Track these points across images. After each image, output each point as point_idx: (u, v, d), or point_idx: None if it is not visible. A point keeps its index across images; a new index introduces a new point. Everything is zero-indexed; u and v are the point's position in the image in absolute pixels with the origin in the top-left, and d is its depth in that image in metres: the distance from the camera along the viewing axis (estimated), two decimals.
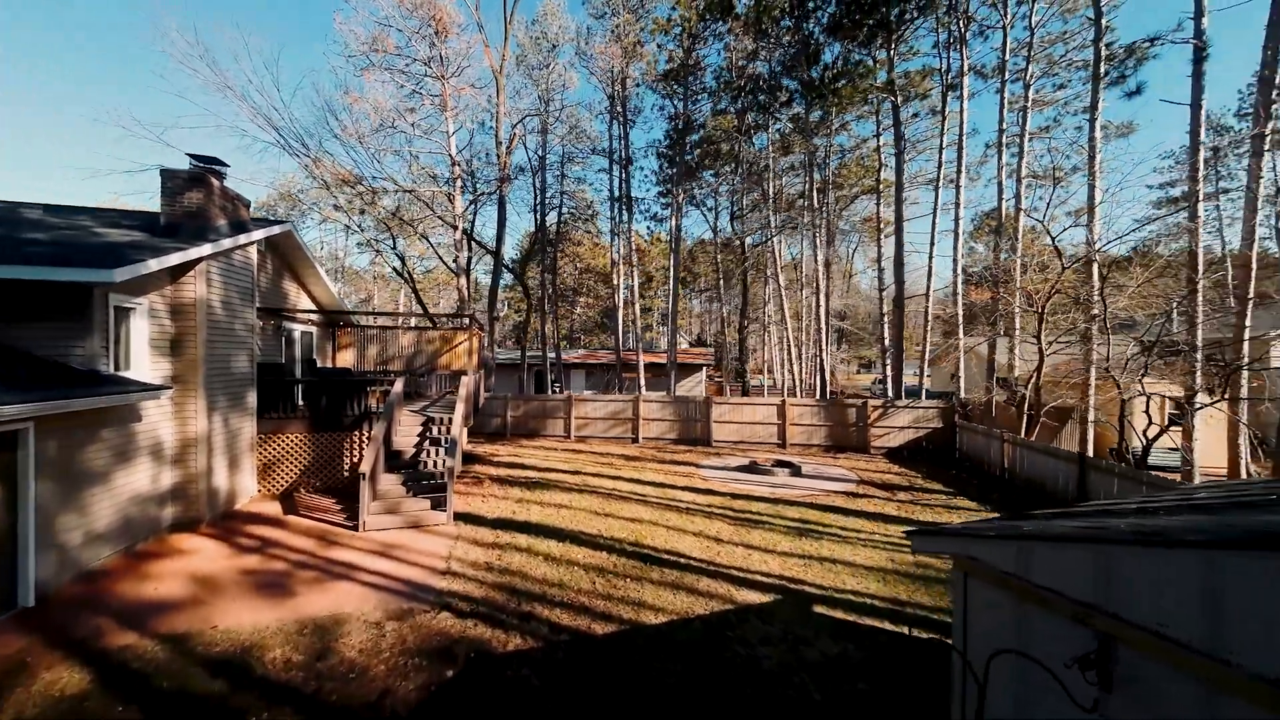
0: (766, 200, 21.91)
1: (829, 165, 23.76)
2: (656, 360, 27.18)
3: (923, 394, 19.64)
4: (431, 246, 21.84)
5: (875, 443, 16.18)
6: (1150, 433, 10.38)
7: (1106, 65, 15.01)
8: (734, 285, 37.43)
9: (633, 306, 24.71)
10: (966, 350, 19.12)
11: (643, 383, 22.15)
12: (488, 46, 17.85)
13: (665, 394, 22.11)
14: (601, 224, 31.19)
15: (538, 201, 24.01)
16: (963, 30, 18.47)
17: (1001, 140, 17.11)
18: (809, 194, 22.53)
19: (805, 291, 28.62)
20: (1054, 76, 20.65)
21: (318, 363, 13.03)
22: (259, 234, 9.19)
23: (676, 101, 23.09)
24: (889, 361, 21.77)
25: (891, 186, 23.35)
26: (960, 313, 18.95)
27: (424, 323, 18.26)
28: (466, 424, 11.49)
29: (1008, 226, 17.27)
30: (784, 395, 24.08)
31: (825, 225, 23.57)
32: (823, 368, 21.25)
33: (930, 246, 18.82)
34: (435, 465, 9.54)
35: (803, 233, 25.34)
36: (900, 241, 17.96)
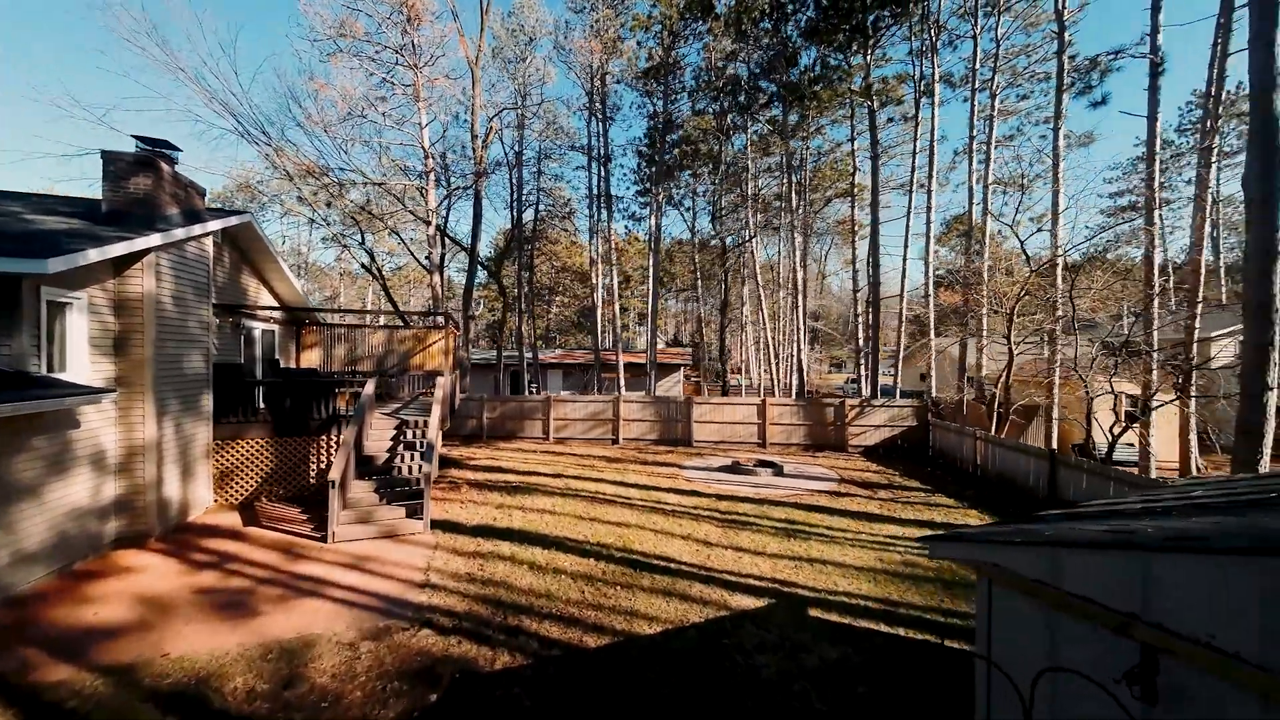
0: (745, 201, 22.02)
1: (806, 168, 24.09)
2: (635, 360, 27.00)
3: (897, 393, 20.11)
4: (403, 242, 21.05)
5: (853, 441, 16.43)
6: (1115, 430, 10.81)
7: (1071, 76, 15.66)
8: (712, 285, 37.63)
9: (612, 306, 24.44)
10: (938, 351, 19.67)
11: (622, 383, 21.93)
12: (463, 36, 17.30)
13: (646, 394, 21.96)
14: (579, 222, 30.82)
15: (514, 198, 23.50)
16: (934, 40, 19.00)
17: (972, 147, 17.67)
18: (787, 196, 22.77)
19: (782, 292, 28.95)
20: (1018, 87, 21.52)
21: (281, 363, 12.28)
22: (215, 224, 8.55)
23: (656, 100, 22.97)
24: (863, 361, 22.22)
25: (864, 190, 23.88)
26: (932, 313, 19.50)
27: (395, 321, 17.54)
28: (443, 427, 11.02)
29: (977, 232, 17.86)
30: (764, 395, 24.27)
31: (803, 227, 23.88)
32: (801, 367, 21.51)
33: (904, 249, 19.30)
34: (410, 471, 9.08)
35: (781, 234, 25.62)
36: (876, 244, 18.32)
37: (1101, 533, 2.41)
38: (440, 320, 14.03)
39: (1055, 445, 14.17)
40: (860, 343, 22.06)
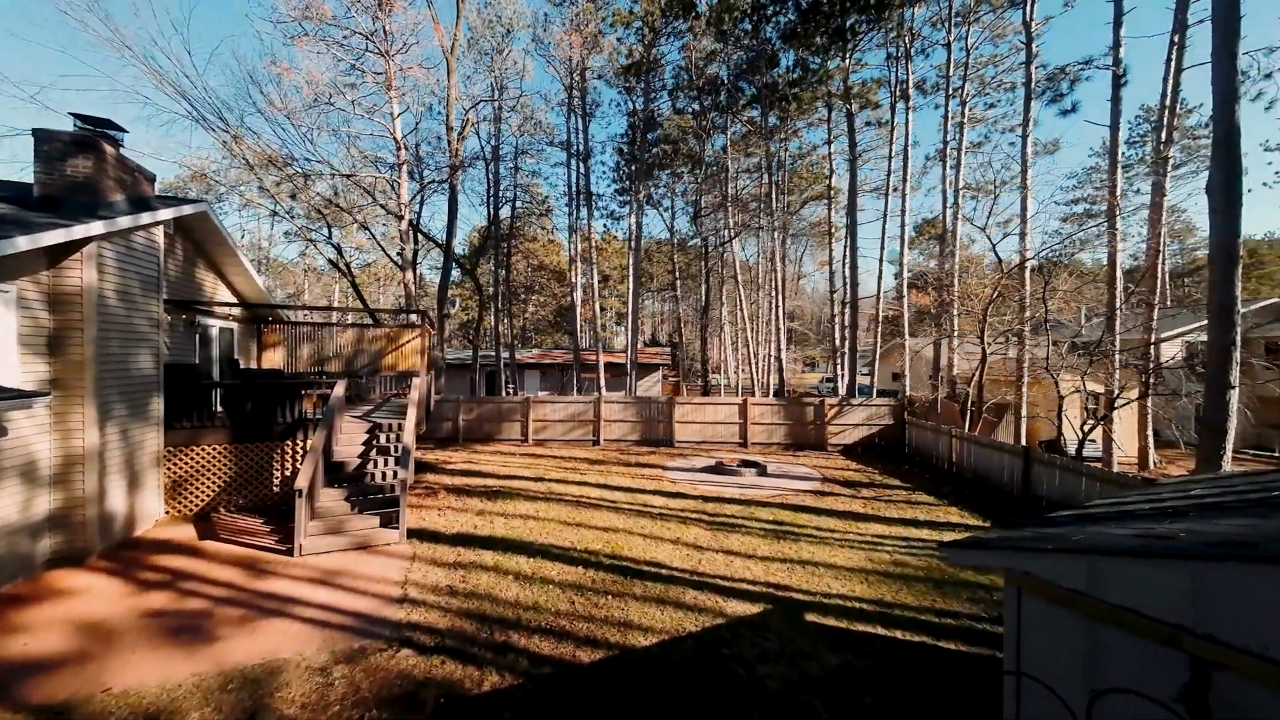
0: (725, 202, 22.05)
1: (785, 169, 24.33)
2: (614, 360, 26.73)
3: (874, 392, 20.47)
4: (373, 237, 20.17)
5: (832, 440, 16.60)
6: (1086, 427, 11.19)
7: (1041, 85, 16.23)
8: (689, 285, 37.68)
9: (592, 305, 24.12)
10: (913, 351, 20.14)
11: (603, 383, 21.63)
12: (438, 24, 16.68)
13: (627, 395, 21.73)
14: (558, 220, 30.32)
15: (490, 194, 22.87)
16: (908, 47, 19.45)
17: (945, 152, 18.13)
18: (766, 197, 22.92)
19: (760, 293, 29.19)
20: (986, 96, 22.24)
21: (241, 363, 11.53)
22: (166, 213, 7.87)
23: (636, 98, 22.75)
24: (840, 360, 22.59)
25: (839, 192, 24.27)
26: (906, 314, 19.94)
27: (366, 319, 16.78)
28: (419, 430, 10.53)
29: (950, 237, 18.34)
30: (745, 395, 24.37)
31: (782, 228, 24.10)
32: (781, 367, 21.68)
33: (881, 250, 19.65)
34: (384, 477, 8.60)
35: (760, 235, 25.80)
36: (854, 245, 18.60)
37: (1138, 539, 2.33)
38: (415, 318, 13.46)
39: (1025, 442, 14.66)
40: (837, 343, 22.41)
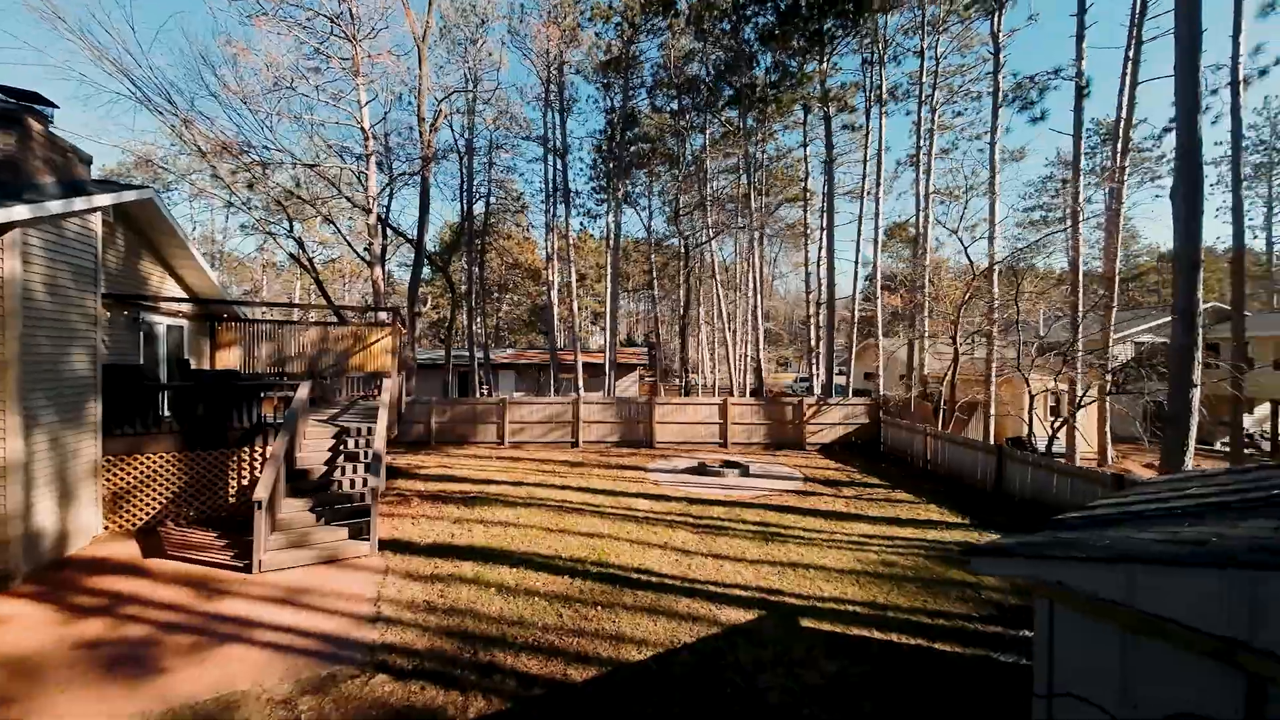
0: (704, 202, 22.04)
1: (764, 169, 24.51)
2: (591, 360, 26.37)
3: (850, 392, 20.83)
4: (338, 231, 19.22)
5: (810, 439, 16.75)
6: (1055, 424, 11.57)
7: (1009, 94, 16.81)
8: (667, 286, 37.62)
9: (570, 303, 23.71)
10: (889, 353, 20.58)
11: (581, 384, 21.27)
12: (409, 9, 15.96)
13: (606, 395, 21.42)
14: (534, 217, 29.74)
15: (464, 189, 22.16)
16: (882, 53, 19.86)
17: (918, 157, 18.59)
18: (744, 198, 23.03)
19: (738, 293, 29.38)
20: (954, 104, 22.98)
21: (192, 364, 10.69)
22: (104, 199, 7.15)
23: (615, 95, 22.47)
24: (814, 360, 22.92)
25: (815, 195, 24.65)
26: (880, 314, 20.37)
27: (331, 317, 15.93)
28: (390, 434, 9.99)
29: (922, 239, 18.83)
30: (725, 395, 24.42)
31: (760, 229, 24.28)
32: (759, 367, 21.81)
33: (856, 253, 20.01)
34: (353, 485, 8.07)
35: (738, 235, 25.92)
36: (831, 247, 18.86)
37: (1176, 546, 2.24)
38: (385, 316, 12.82)
39: (993, 439, 15.15)
40: (813, 343, 22.72)
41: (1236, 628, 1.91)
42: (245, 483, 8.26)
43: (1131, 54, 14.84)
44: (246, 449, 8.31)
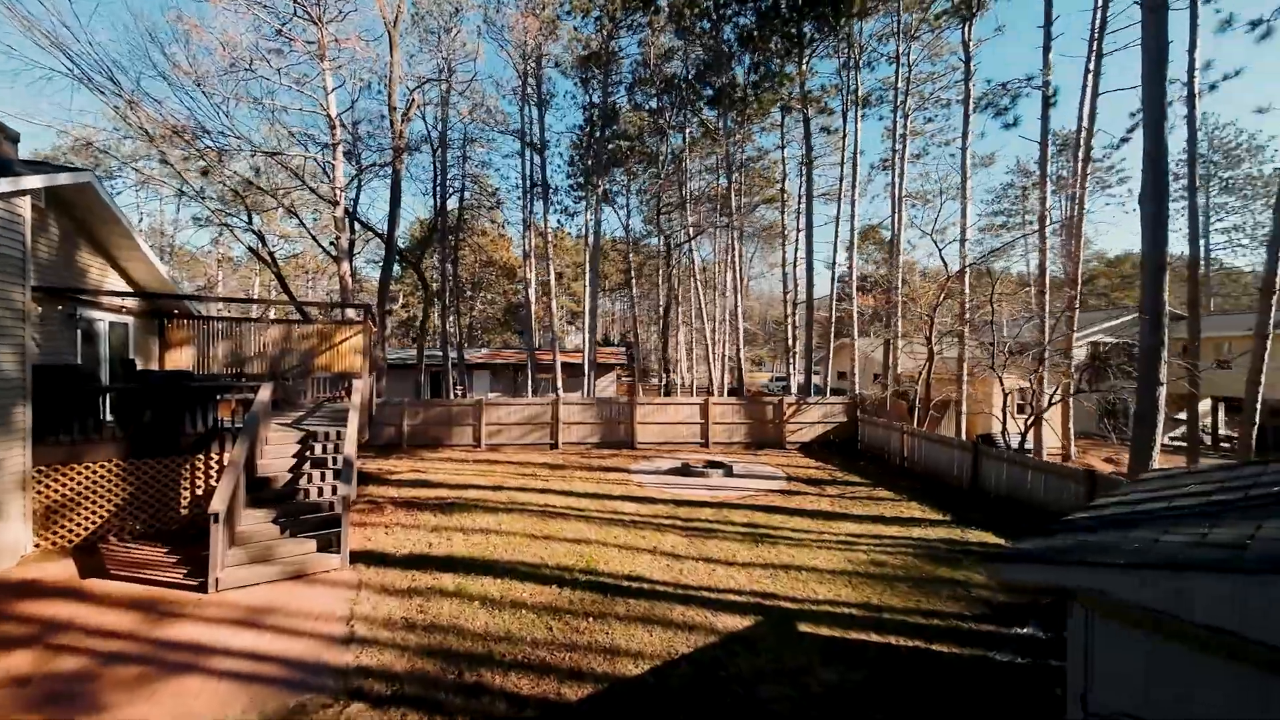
0: (685, 201, 21.96)
1: (742, 170, 24.61)
2: (570, 360, 25.95)
3: (827, 391, 21.11)
4: (302, 224, 18.22)
5: (790, 438, 16.85)
6: (1028, 421, 11.92)
7: (984, 101, 17.29)
8: (645, 285, 37.45)
9: (548, 301, 23.24)
10: (866, 353, 20.95)
11: (559, 384, 20.85)
12: None
13: (586, 396, 21.07)
14: (510, 214, 29.07)
15: (437, 183, 21.40)
16: (858, 58, 20.20)
17: (894, 160, 18.97)
18: (723, 198, 23.06)
19: (717, 293, 29.47)
20: (925, 110, 23.60)
21: (138, 364, 9.84)
22: (33, 181, 6.45)
23: (594, 91, 22.12)
24: (791, 360, 23.16)
25: (791, 197, 24.93)
26: (855, 314, 20.72)
27: (295, 314, 15.06)
28: (361, 438, 9.43)
29: (896, 241, 19.24)
30: (704, 395, 24.42)
31: (740, 229, 24.37)
32: (740, 367, 21.87)
33: (833, 254, 20.28)
34: (321, 493, 7.55)
35: (717, 235, 25.96)
36: (810, 248, 19.04)
37: (1221, 550, 2.16)
38: (354, 314, 12.17)
39: (964, 436, 15.56)
40: (790, 342, 22.95)
41: None
42: (200, 493, 7.62)
43: (1092, 66, 15.50)
44: (201, 456, 7.67)
